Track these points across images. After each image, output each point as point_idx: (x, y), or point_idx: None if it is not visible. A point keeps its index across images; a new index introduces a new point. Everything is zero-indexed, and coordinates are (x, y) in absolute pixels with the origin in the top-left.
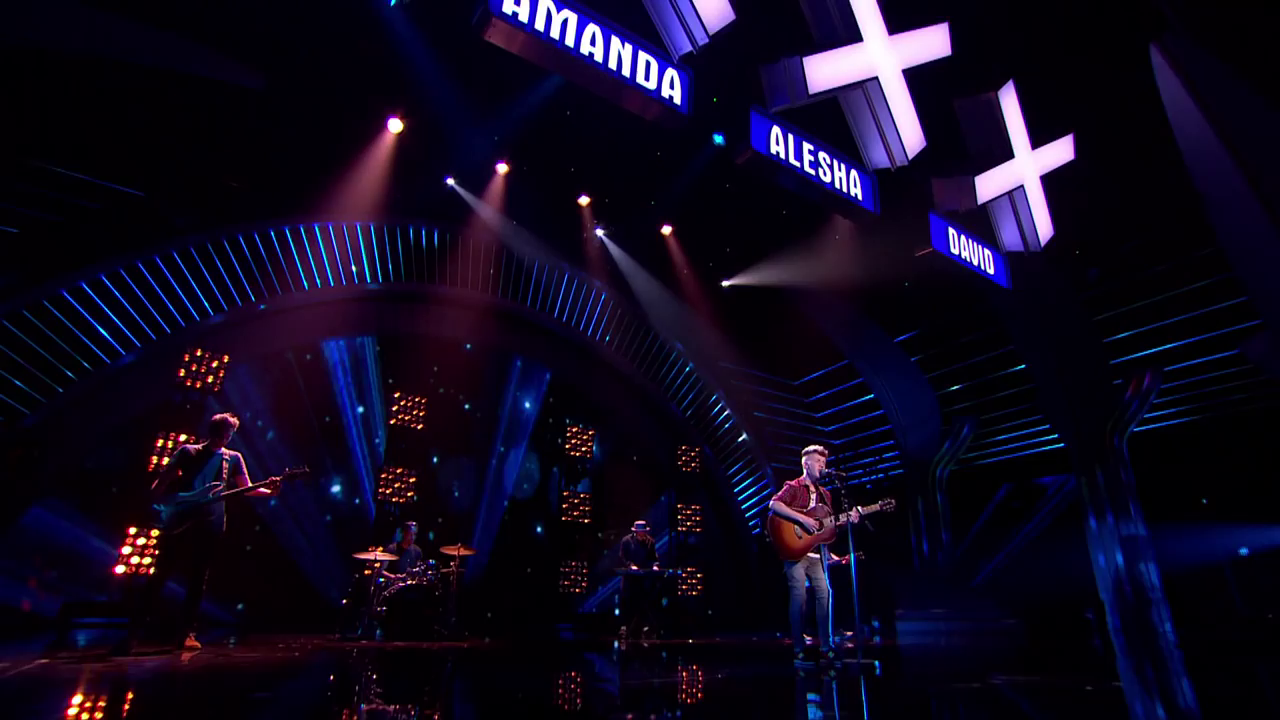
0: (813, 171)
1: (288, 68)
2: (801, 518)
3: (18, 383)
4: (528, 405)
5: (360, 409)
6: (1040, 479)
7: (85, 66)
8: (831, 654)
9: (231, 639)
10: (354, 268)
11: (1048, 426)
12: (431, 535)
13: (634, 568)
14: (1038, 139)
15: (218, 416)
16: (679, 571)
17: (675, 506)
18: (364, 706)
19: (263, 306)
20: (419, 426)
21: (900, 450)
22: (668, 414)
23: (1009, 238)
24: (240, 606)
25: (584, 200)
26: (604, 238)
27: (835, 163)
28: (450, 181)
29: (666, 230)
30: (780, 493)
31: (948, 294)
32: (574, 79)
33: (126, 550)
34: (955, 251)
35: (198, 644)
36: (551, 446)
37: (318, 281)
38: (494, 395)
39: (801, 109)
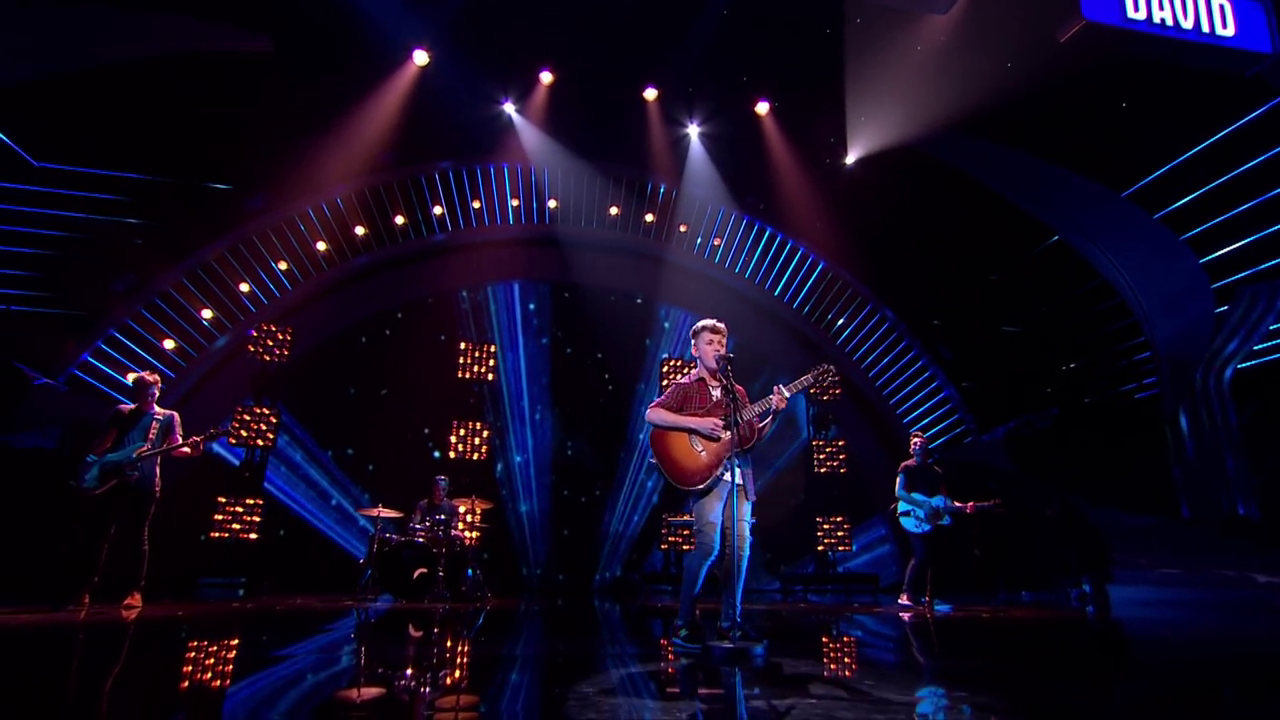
0: None
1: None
2: (692, 421)
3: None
4: (647, 342)
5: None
6: None
7: (133, 72)
8: (738, 632)
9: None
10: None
11: None
12: (526, 507)
13: None
14: None
15: (133, 376)
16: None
17: (811, 443)
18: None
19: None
20: (490, 376)
21: (1150, 348)
22: (805, 334)
23: None
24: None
25: (650, 94)
26: (696, 136)
27: None
28: (508, 107)
29: (762, 109)
30: (662, 397)
31: (1185, 102)
32: None
33: (218, 518)
34: (1137, 16)
35: (138, 603)
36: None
37: (376, 241)
38: (617, 340)
39: None
